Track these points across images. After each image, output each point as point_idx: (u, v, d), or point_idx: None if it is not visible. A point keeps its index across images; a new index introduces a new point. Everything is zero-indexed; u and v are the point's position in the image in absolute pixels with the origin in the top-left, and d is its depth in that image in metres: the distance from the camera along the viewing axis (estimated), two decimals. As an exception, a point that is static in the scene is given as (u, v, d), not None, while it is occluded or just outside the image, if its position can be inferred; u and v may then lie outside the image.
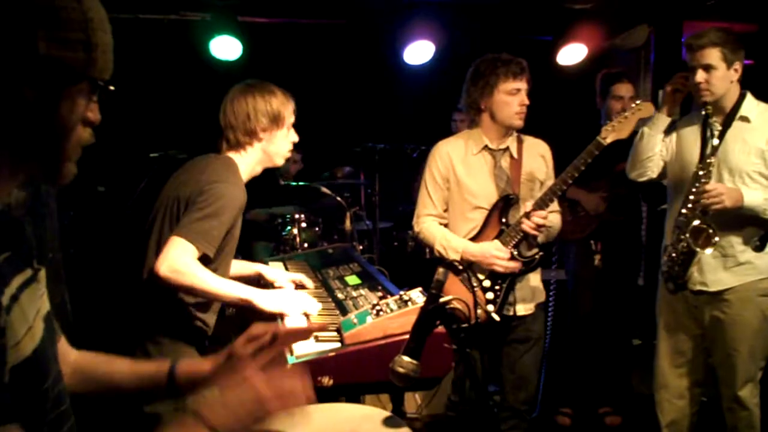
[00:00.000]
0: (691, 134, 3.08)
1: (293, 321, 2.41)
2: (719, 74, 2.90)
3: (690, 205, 2.92)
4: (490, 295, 2.97)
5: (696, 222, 2.87)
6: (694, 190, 2.91)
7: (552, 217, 3.04)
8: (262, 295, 2.36)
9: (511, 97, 2.97)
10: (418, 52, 5.32)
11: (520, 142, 3.11)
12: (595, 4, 5.09)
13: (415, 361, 1.54)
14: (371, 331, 2.10)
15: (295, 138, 2.63)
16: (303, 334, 1.74)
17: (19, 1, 0.88)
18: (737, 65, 2.93)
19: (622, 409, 4.17)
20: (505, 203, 3.01)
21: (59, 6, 0.92)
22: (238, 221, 2.44)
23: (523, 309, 3.06)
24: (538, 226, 2.88)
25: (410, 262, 5.09)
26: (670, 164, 3.17)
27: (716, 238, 2.83)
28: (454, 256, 2.99)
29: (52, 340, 1.05)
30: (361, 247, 4.93)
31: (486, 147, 3.06)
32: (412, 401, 3.48)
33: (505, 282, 2.98)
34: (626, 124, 2.88)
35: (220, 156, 2.52)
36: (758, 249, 2.92)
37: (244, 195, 2.43)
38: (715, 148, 2.88)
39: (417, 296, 2.21)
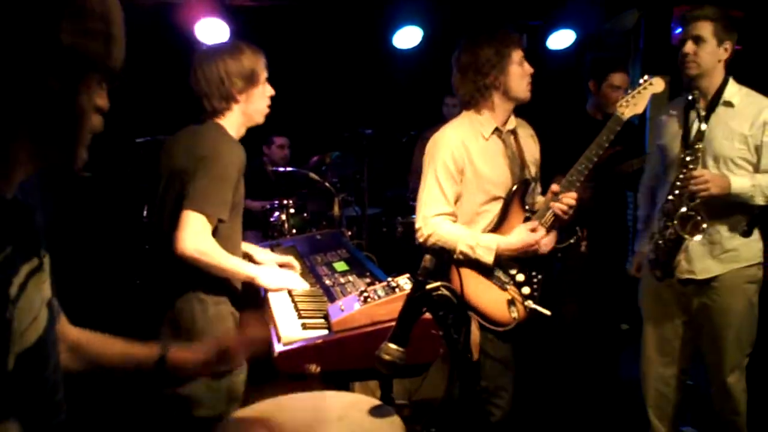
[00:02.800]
0: (674, 120, 3.08)
1: (277, 300, 2.45)
2: (708, 48, 2.89)
3: (677, 192, 2.90)
4: (526, 290, 2.76)
5: (683, 209, 2.85)
6: (681, 176, 2.89)
7: None
8: (263, 272, 2.47)
9: (521, 67, 2.78)
10: (407, 36, 5.29)
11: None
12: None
13: (401, 348, 1.52)
14: (359, 318, 2.09)
15: (272, 91, 2.58)
16: None
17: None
18: (728, 45, 2.91)
19: (610, 393, 4.19)
20: (525, 188, 2.82)
21: (87, 2, 0.94)
22: (241, 180, 2.46)
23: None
24: (570, 207, 2.73)
25: (399, 248, 5.09)
26: (655, 151, 3.19)
27: (704, 225, 2.80)
28: (487, 255, 2.70)
29: (52, 327, 1.06)
30: (349, 233, 4.92)
31: (496, 129, 2.83)
32: (401, 388, 3.47)
33: (541, 273, 2.78)
34: (640, 99, 2.79)
35: (206, 123, 2.49)
36: (746, 234, 2.91)
37: (242, 151, 2.44)
38: (701, 133, 2.85)
39: (404, 283, 2.20)
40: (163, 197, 2.46)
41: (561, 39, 5.39)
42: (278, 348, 2.05)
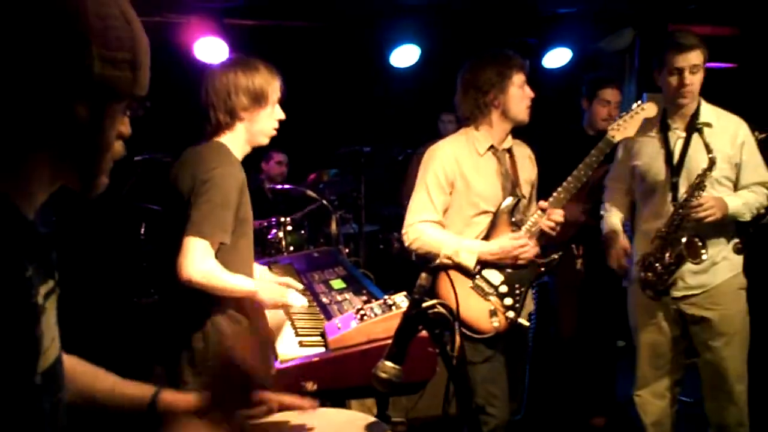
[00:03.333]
0: (652, 142, 3.08)
1: (274, 316, 2.46)
2: (700, 76, 2.94)
3: (677, 217, 2.93)
4: (508, 301, 2.82)
5: (685, 237, 2.90)
6: (688, 203, 2.90)
7: None
8: (263, 288, 2.45)
9: (522, 90, 2.88)
10: (405, 55, 5.33)
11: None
12: (580, 7, 5.12)
13: (397, 366, 1.52)
14: (355, 335, 2.10)
15: (281, 115, 2.52)
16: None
17: (75, 21, 0.91)
18: (704, 68, 2.97)
19: (607, 409, 4.18)
20: (514, 205, 2.90)
21: (112, 27, 0.95)
22: (244, 200, 2.42)
23: (525, 319, 2.93)
24: (557, 224, 2.83)
25: (396, 265, 5.09)
26: (634, 177, 3.19)
27: (704, 250, 2.89)
28: (468, 259, 2.79)
29: (61, 349, 1.06)
30: (347, 251, 4.93)
31: (491, 147, 2.93)
32: (399, 405, 3.46)
33: (524, 286, 2.86)
34: (632, 124, 2.85)
35: (208, 143, 2.46)
36: (740, 252, 2.96)
37: (242, 174, 2.41)
38: (713, 160, 2.85)
39: (401, 301, 2.21)
40: (170, 222, 2.44)
41: (557, 57, 5.43)
42: (275, 365, 2.05)
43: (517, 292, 2.84)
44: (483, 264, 2.82)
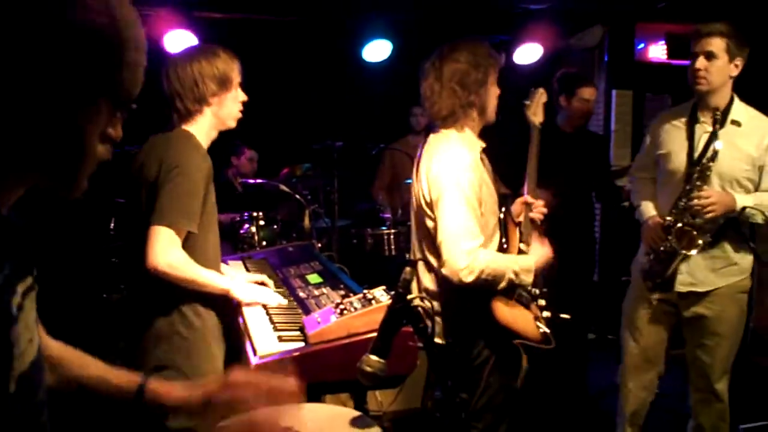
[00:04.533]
0: (679, 132, 3.07)
1: (252, 312, 2.44)
2: (719, 64, 2.90)
3: (681, 206, 2.92)
4: (542, 302, 2.74)
5: (680, 224, 2.90)
6: (686, 192, 2.91)
7: None
8: (238, 285, 2.48)
9: (496, 88, 2.66)
10: (377, 50, 5.33)
11: None
12: (550, 4, 5.16)
13: (382, 360, 1.54)
14: (335, 330, 2.10)
15: (244, 97, 2.57)
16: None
17: (53, 18, 0.86)
18: (738, 61, 2.92)
19: (580, 403, 4.24)
20: (510, 203, 2.81)
21: (92, 24, 0.89)
22: (210, 189, 2.43)
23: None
24: (543, 214, 2.76)
25: (369, 260, 5.10)
26: (646, 158, 3.20)
27: (700, 241, 2.86)
28: (529, 277, 2.58)
29: (41, 346, 1.03)
30: (320, 245, 4.92)
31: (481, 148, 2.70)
32: (373, 399, 3.48)
33: (545, 285, 2.76)
34: (538, 110, 2.81)
35: (174, 132, 2.46)
36: (711, 245, 2.98)
37: (208, 162, 2.42)
38: (716, 153, 2.83)
39: (381, 295, 2.21)
40: (139, 211, 2.41)
41: (527, 54, 5.47)
42: (254, 361, 2.05)
43: (545, 290, 2.77)
44: None
